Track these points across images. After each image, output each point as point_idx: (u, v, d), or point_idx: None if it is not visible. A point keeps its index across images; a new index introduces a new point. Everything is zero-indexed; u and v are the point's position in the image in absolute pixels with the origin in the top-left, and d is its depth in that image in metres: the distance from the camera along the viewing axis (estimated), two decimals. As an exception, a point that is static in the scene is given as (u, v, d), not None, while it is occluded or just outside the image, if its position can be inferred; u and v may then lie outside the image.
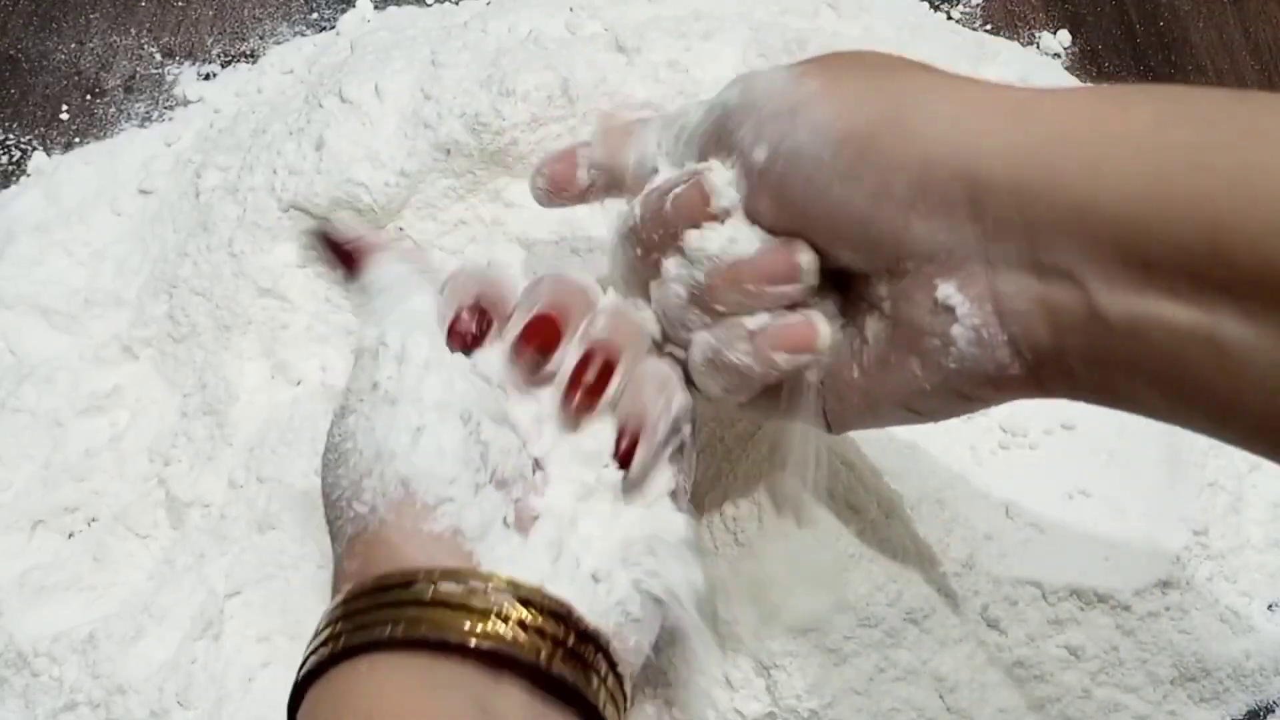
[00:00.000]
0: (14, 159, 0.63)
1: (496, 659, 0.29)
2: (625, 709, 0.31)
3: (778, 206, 0.32)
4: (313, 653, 0.30)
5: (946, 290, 0.29)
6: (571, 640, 0.30)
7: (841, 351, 0.33)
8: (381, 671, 0.29)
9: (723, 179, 0.33)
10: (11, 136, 0.64)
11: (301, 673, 0.30)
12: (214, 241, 0.54)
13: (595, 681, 0.30)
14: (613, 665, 0.31)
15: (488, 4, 0.66)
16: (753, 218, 0.32)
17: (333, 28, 0.67)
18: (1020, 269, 0.28)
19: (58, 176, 0.61)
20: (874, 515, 0.43)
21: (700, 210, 0.33)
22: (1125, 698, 0.44)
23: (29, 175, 0.62)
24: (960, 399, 0.31)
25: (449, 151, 0.52)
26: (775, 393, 0.35)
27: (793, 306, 0.33)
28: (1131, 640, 0.45)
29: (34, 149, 0.63)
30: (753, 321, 0.33)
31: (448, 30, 0.59)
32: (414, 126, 0.53)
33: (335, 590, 0.32)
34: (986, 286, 0.29)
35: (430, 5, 0.68)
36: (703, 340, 0.34)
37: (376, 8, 0.68)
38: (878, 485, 0.44)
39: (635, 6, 0.61)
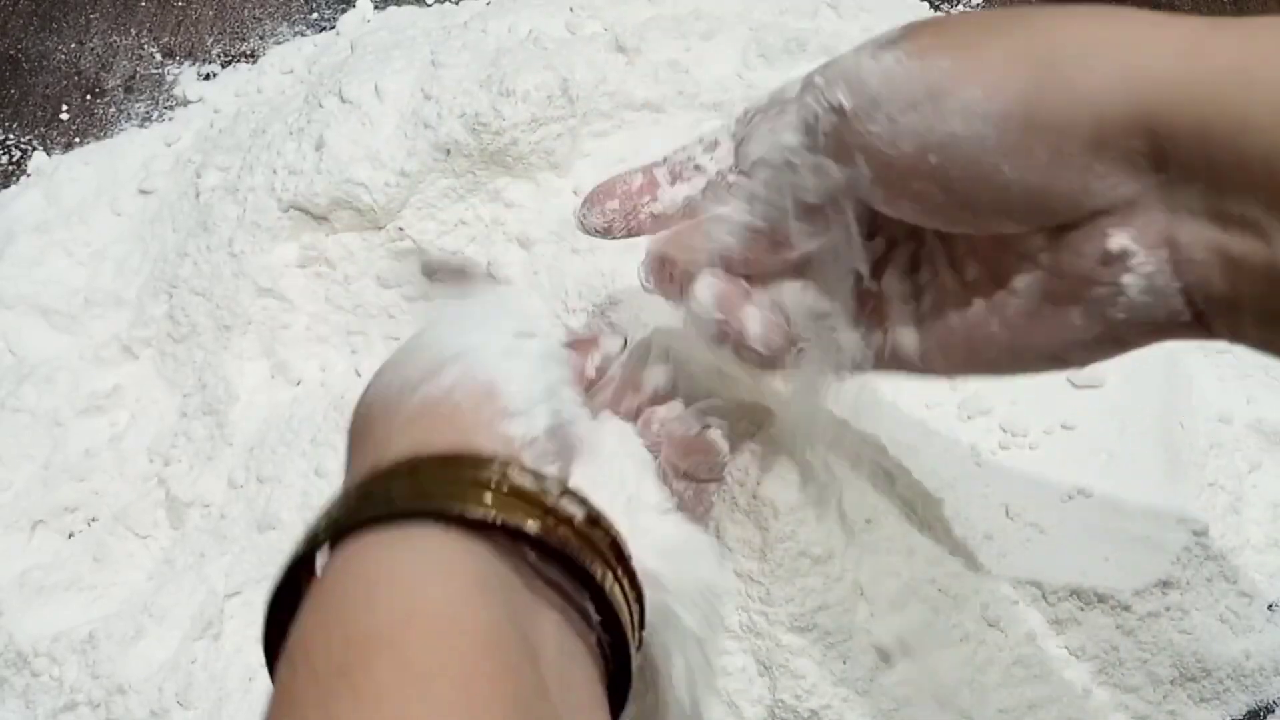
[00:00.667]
0: (14, 159, 0.63)
1: (566, 566, 0.29)
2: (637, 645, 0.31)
3: (932, 198, 0.30)
4: (350, 508, 0.28)
5: (1121, 239, 0.28)
6: (619, 570, 0.30)
7: (976, 314, 0.32)
8: (434, 541, 0.28)
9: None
10: (11, 136, 0.64)
11: (328, 521, 0.29)
12: (214, 241, 0.54)
13: (627, 612, 0.30)
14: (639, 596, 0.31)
15: (488, 4, 0.66)
16: (891, 207, 0.31)
17: (333, 28, 0.67)
18: (1201, 217, 0.27)
19: (58, 176, 0.61)
20: (874, 515, 0.43)
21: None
22: (1125, 698, 0.44)
23: (29, 175, 0.62)
24: (1118, 345, 0.30)
25: (449, 151, 0.52)
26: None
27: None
28: (1131, 640, 0.45)
29: (34, 149, 0.63)
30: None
31: (448, 30, 0.59)
32: (414, 126, 0.53)
33: (367, 461, 0.31)
34: (1163, 234, 0.27)
35: (430, 5, 0.68)
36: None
37: (376, 8, 0.68)
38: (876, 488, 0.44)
39: (635, 6, 0.61)
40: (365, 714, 0.23)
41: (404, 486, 0.28)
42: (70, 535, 0.50)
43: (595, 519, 0.30)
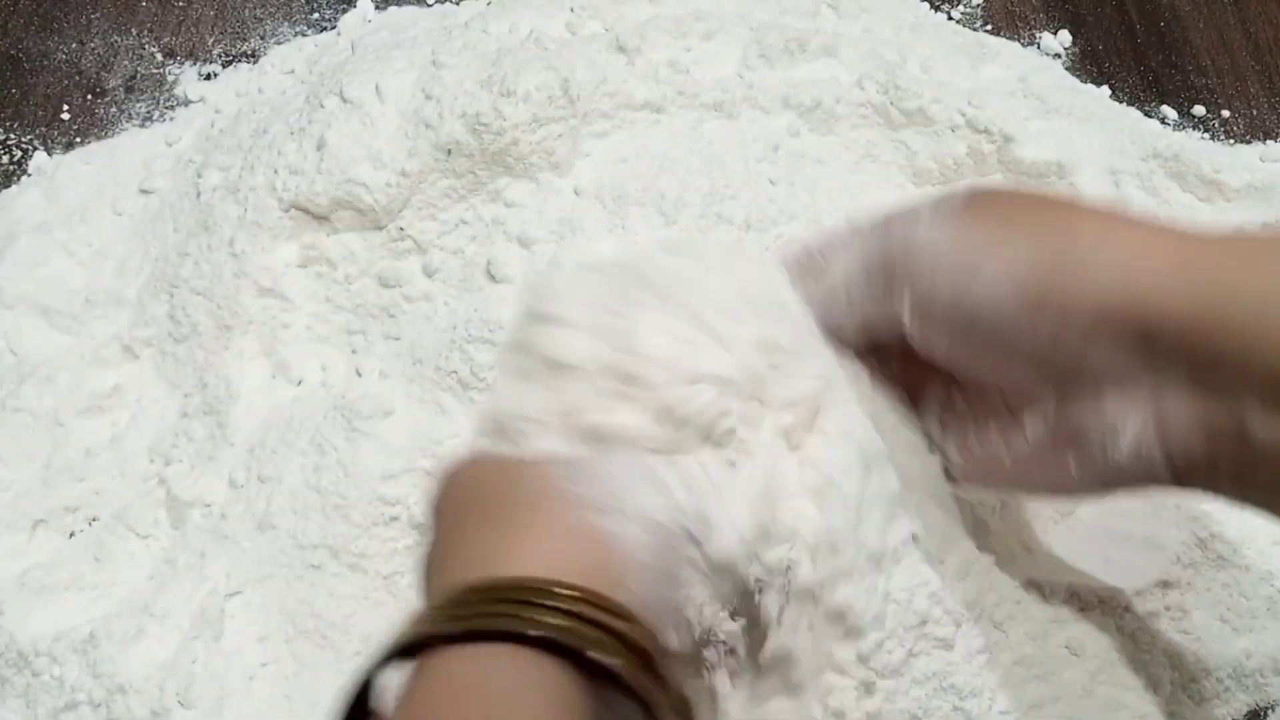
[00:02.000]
0: (14, 159, 0.63)
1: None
2: None
3: (955, 344, 0.36)
4: (466, 613, 0.29)
5: (1114, 407, 0.33)
6: None
7: (991, 443, 0.37)
8: (509, 662, 0.29)
9: None
10: (12, 136, 0.64)
11: (420, 632, 0.29)
12: (215, 241, 0.54)
13: None
14: None
15: (488, 4, 0.66)
16: (925, 347, 0.36)
17: (333, 28, 0.67)
18: (1184, 394, 0.32)
19: (58, 176, 0.61)
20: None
21: None
22: (1126, 697, 0.44)
23: (30, 175, 0.62)
24: (1108, 490, 0.36)
25: (450, 151, 0.52)
26: None
27: None
28: (1132, 640, 0.45)
29: (35, 149, 0.63)
30: None
31: (448, 30, 0.59)
32: (415, 126, 0.53)
33: (486, 536, 0.32)
34: (1152, 406, 0.32)
35: (431, 5, 0.68)
36: None
37: (377, 8, 0.68)
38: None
39: (635, 6, 0.61)
40: None
41: (536, 612, 0.29)
42: (71, 535, 0.50)
43: (685, 701, 0.31)
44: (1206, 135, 0.63)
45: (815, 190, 0.53)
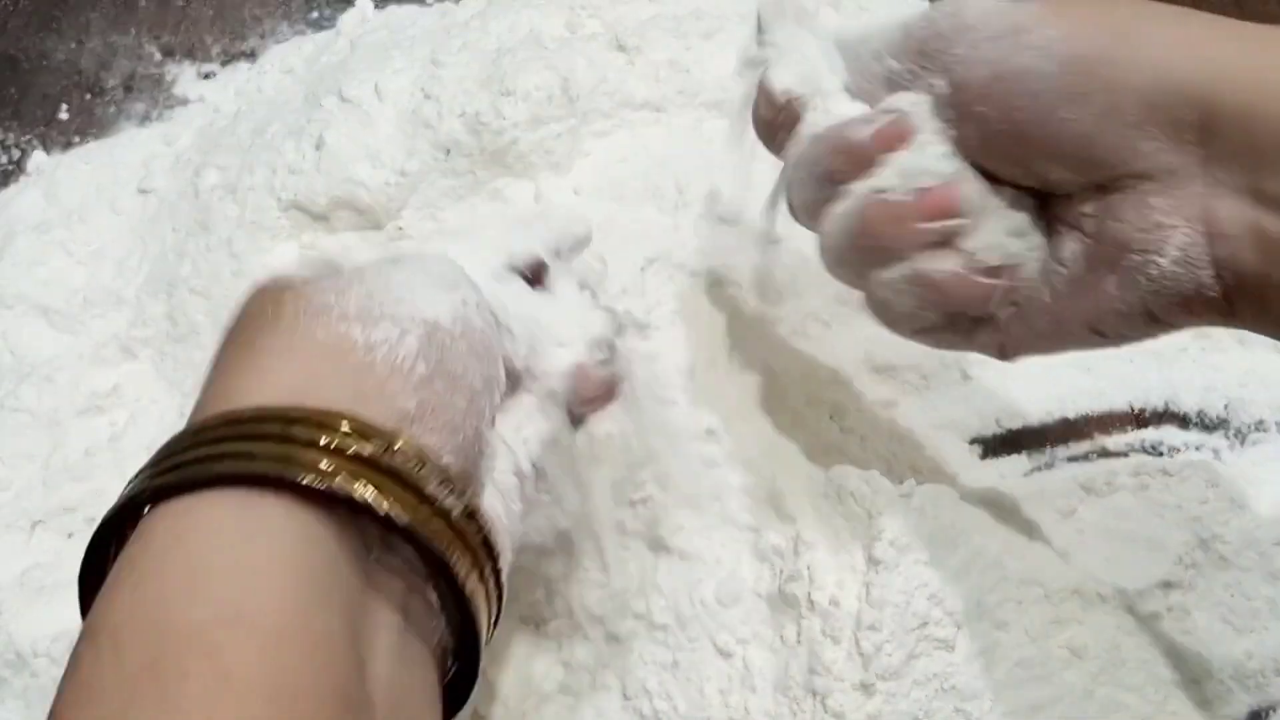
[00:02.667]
0: (14, 158, 0.63)
1: (426, 559, 0.28)
2: (498, 608, 0.30)
3: (994, 129, 0.32)
4: (200, 454, 0.26)
5: (1160, 208, 0.30)
6: (487, 569, 0.29)
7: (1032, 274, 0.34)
8: (279, 519, 0.25)
9: (924, 110, 0.33)
10: (11, 136, 0.64)
11: (172, 464, 0.26)
12: (213, 241, 0.54)
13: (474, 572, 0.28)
14: (494, 559, 0.29)
15: (488, 3, 0.66)
16: (962, 143, 0.33)
17: (333, 27, 0.67)
18: (1239, 194, 0.29)
19: (57, 176, 0.61)
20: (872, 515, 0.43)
21: (898, 143, 0.33)
22: (1127, 698, 0.44)
23: (28, 175, 0.62)
24: (1151, 321, 0.32)
25: (449, 151, 0.52)
26: (954, 321, 0.35)
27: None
28: (1133, 640, 0.45)
29: (34, 148, 0.63)
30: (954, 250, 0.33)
31: (448, 30, 0.59)
32: (414, 126, 0.53)
33: (238, 377, 0.28)
34: (1201, 208, 0.29)
35: (430, 5, 0.68)
36: (897, 268, 0.34)
37: (376, 7, 0.68)
38: (878, 488, 0.44)
39: (635, 6, 0.60)
40: (175, 703, 0.22)
41: (270, 448, 0.25)
42: (70, 535, 0.50)
43: (473, 513, 0.28)
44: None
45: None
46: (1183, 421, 0.52)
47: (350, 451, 0.26)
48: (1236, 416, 0.52)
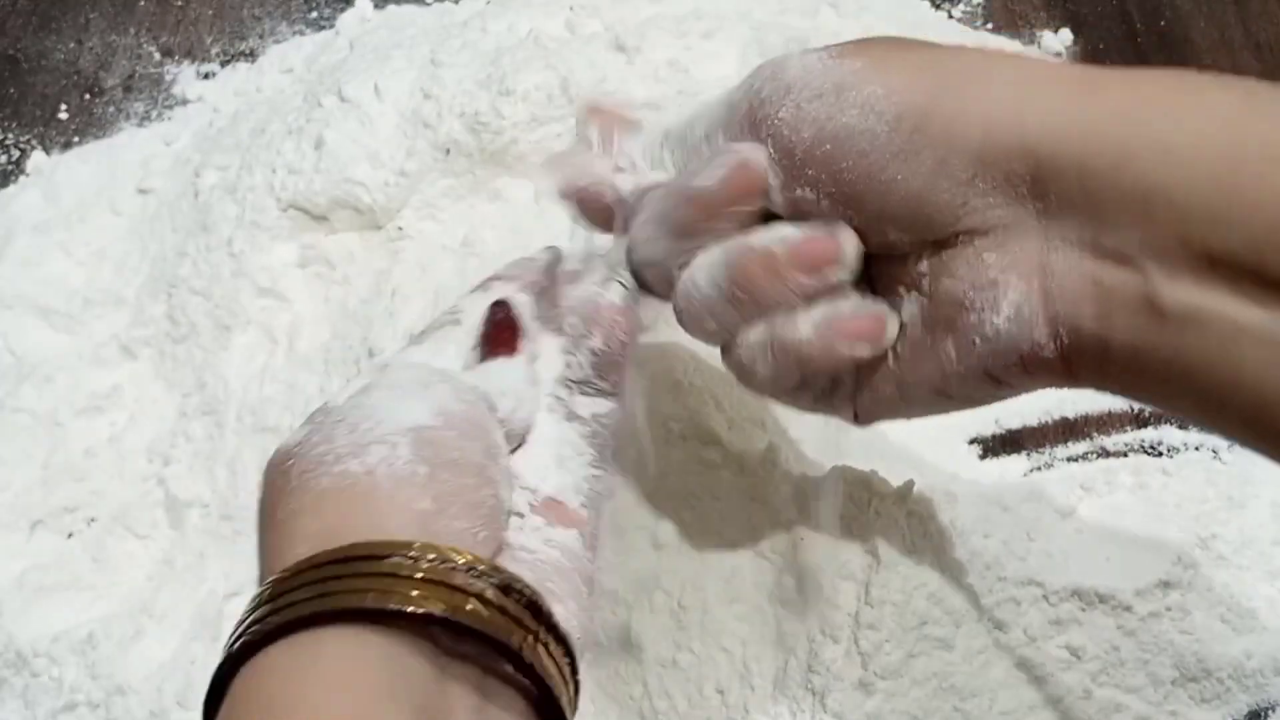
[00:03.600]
0: (13, 159, 0.63)
1: (483, 640, 0.28)
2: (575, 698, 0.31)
3: (821, 190, 0.31)
4: (255, 623, 0.27)
5: (995, 264, 0.29)
6: (541, 631, 0.29)
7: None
8: (340, 646, 0.27)
9: (763, 156, 0.31)
10: (11, 136, 0.64)
11: (240, 641, 0.27)
12: (213, 241, 0.54)
13: (554, 669, 0.29)
14: (569, 652, 0.30)
15: (488, 3, 0.66)
16: (791, 206, 0.32)
17: (332, 27, 0.67)
18: (1077, 247, 0.28)
19: (57, 176, 0.61)
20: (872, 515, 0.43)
21: (749, 191, 0.32)
22: (1126, 698, 0.44)
23: (28, 175, 0.62)
24: (992, 382, 0.31)
25: (449, 151, 0.52)
26: (810, 385, 0.35)
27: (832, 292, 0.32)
28: (1132, 640, 0.45)
29: (33, 148, 0.63)
30: (817, 312, 0.32)
31: (447, 29, 0.59)
32: (414, 126, 0.53)
33: (275, 542, 0.30)
34: (1038, 262, 0.28)
35: (430, 4, 0.68)
36: (758, 329, 0.33)
37: (376, 7, 0.68)
38: (877, 488, 0.44)
39: (635, 6, 0.60)
40: None
41: (308, 591, 0.27)
42: (70, 535, 0.50)
43: (507, 586, 0.29)
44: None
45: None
46: (1182, 421, 0.52)
47: (374, 571, 0.27)
48: (1235, 416, 0.52)
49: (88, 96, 0.65)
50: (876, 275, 0.33)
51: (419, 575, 0.27)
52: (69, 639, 0.46)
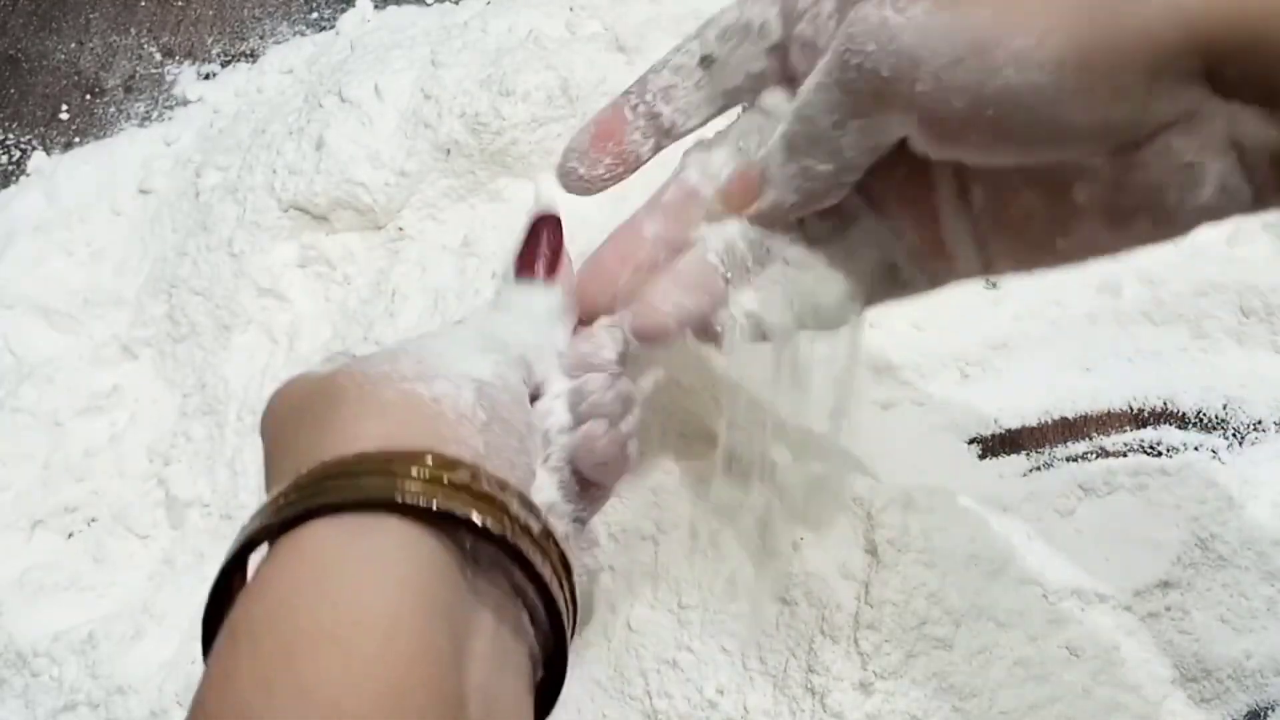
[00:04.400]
0: (14, 159, 0.63)
1: (516, 572, 0.30)
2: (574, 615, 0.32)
3: (983, 141, 0.30)
4: (314, 490, 0.28)
5: (1185, 148, 0.29)
6: (561, 570, 0.31)
7: (1033, 229, 0.33)
8: (391, 536, 0.28)
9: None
10: (11, 136, 0.64)
11: (292, 500, 0.28)
12: (213, 241, 0.54)
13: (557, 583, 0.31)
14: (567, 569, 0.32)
15: (488, 4, 0.66)
16: (940, 156, 0.31)
17: (333, 27, 0.67)
18: (1263, 120, 0.28)
19: (57, 176, 0.61)
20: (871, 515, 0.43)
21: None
22: (1126, 697, 0.44)
23: (29, 175, 0.62)
24: (1182, 234, 0.31)
25: (449, 151, 0.52)
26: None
27: None
28: (1132, 640, 0.45)
29: (34, 149, 0.63)
30: None
31: (448, 30, 0.59)
32: (414, 126, 0.53)
33: (327, 435, 0.30)
34: (1228, 138, 0.29)
35: (430, 5, 0.68)
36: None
37: (376, 7, 0.68)
38: (877, 488, 0.44)
39: (635, 6, 0.60)
40: (304, 698, 0.25)
41: (374, 480, 0.28)
42: (70, 535, 0.50)
43: (549, 533, 0.31)
44: (1206, 135, 0.63)
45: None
46: (1181, 421, 0.52)
47: (444, 480, 0.29)
48: (1235, 416, 0.52)
49: (88, 97, 0.65)
50: (1042, 180, 0.32)
51: (475, 488, 0.29)
52: (69, 639, 0.46)
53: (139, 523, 0.50)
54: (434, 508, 0.28)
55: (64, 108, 0.65)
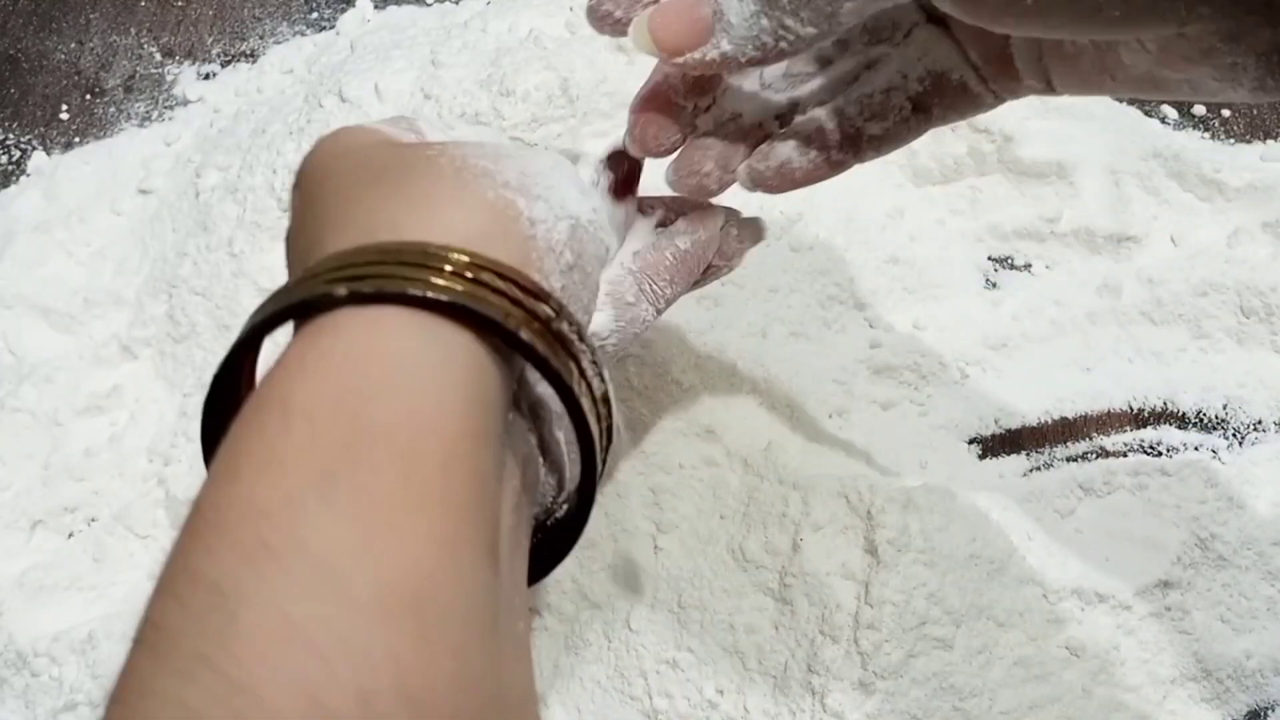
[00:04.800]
0: (14, 159, 0.63)
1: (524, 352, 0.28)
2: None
3: (1032, 19, 0.29)
4: (366, 269, 0.26)
5: (1230, 51, 0.28)
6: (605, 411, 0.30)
7: (1080, 58, 0.31)
8: (447, 335, 0.26)
9: None
10: (11, 136, 0.64)
11: (347, 274, 0.26)
12: (214, 241, 0.54)
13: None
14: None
15: (488, 4, 0.66)
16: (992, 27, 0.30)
17: (333, 27, 0.67)
18: None
19: (57, 176, 0.61)
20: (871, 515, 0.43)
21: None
22: (1126, 697, 0.44)
23: (29, 175, 0.62)
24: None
25: (449, 151, 0.52)
26: None
27: None
28: (1132, 640, 0.45)
29: (34, 149, 0.63)
30: None
31: (448, 30, 0.59)
32: (414, 126, 0.53)
33: (379, 199, 0.29)
34: (1271, 42, 0.28)
35: (430, 5, 0.68)
36: None
37: (376, 7, 0.68)
38: (877, 488, 0.44)
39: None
40: (362, 502, 0.23)
41: (464, 284, 0.26)
42: (70, 535, 0.50)
43: (608, 399, 0.30)
44: (1207, 135, 0.63)
45: (813, 190, 0.53)
46: (1181, 421, 0.52)
47: (536, 312, 0.27)
48: (1235, 416, 0.52)
49: (89, 97, 0.65)
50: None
51: (555, 328, 0.28)
52: (69, 639, 0.46)
53: (139, 523, 0.50)
54: (520, 335, 0.26)
55: (64, 108, 0.65)
